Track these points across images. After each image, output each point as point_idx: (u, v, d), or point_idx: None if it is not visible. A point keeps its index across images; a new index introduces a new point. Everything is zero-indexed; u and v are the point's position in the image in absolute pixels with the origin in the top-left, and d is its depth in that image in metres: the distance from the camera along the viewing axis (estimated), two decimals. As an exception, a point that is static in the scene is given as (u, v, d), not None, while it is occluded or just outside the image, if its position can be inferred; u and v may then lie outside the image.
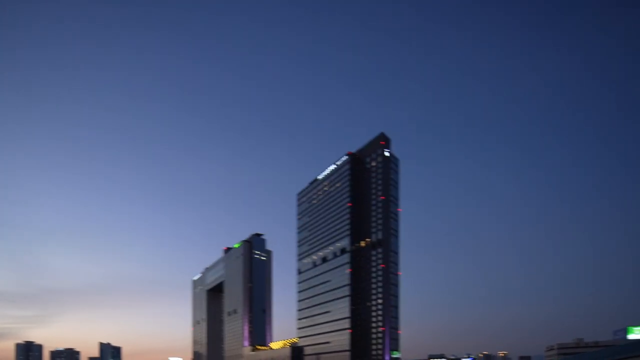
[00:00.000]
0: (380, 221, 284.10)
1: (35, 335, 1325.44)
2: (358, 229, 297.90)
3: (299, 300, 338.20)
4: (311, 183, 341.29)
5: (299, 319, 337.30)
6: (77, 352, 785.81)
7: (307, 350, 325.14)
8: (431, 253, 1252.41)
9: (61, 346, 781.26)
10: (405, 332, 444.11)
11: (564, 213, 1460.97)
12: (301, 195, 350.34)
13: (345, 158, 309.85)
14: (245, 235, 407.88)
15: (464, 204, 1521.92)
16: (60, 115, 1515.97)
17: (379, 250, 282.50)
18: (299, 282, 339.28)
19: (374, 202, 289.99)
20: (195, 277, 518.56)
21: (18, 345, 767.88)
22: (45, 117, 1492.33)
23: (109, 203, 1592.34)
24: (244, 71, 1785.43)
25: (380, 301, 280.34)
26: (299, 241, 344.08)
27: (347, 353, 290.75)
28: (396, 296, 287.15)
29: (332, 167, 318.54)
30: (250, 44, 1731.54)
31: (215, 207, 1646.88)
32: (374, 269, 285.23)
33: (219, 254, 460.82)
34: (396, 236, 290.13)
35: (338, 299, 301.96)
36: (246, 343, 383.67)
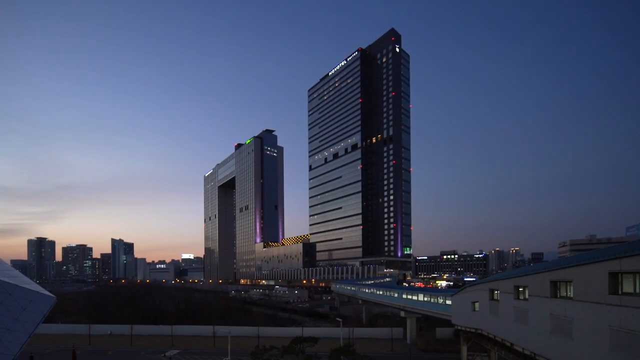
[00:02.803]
0: (391, 117, 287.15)
1: (47, 231, 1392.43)
2: (369, 125, 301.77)
3: (311, 197, 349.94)
4: (322, 79, 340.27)
5: (311, 216, 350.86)
6: (90, 249, 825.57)
7: (319, 247, 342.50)
8: (442, 150, 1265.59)
9: (73, 242, 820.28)
10: (417, 228, 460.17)
11: (575, 109, 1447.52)
12: (312, 91, 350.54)
13: (355, 54, 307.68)
14: (256, 132, 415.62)
15: (474, 99, 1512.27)
16: (70, 12, 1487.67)
17: (391, 146, 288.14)
18: (311, 179, 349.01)
19: (385, 98, 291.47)
20: (207, 174, 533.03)
21: (30, 242, 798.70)
22: (55, 12, 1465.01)
23: (120, 100, 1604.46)
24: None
25: (392, 197, 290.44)
26: (310, 138, 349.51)
27: (359, 249, 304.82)
28: (408, 192, 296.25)
29: (343, 63, 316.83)
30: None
31: (226, 103, 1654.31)
32: (385, 165, 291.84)
33: (230, 150, 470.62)
34: (407, 132, 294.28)
35: (350, 195, 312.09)
36: (258, 239, 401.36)
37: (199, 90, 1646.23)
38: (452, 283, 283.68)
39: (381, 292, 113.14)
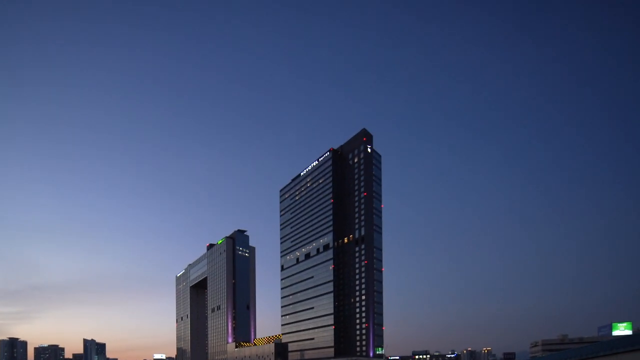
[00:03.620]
0: (363, 217, 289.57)
1: (19, 331, 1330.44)
2: (341, 225, 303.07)
3: (283, 297, 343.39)
4: (294, 179, 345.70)
5: (283, 316, 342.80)
6: (62, 349, 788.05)
7: (291, 347, 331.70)
8: (413, 249, 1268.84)
9: (45, 343, 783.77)
10: (389, 328, 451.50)
11: (546, 209, 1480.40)
12: (284, 191, 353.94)
13: (327, 154, 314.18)
14: (228, 232, 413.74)
15: (445, 199, 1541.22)
16: (46, 114, 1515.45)
17: (362, 246, 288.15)
18: (283, 279, 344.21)
19: (356, 198, 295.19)
20: (179, 274, 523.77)
21: (2, 342, 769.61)
22: (32, 115, 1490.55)
23: (93, 200, 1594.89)
24: (227, 70, 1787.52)
25: (364, 297, 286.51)
26: (282, 237, 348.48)
27: (331, 349, 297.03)
28: (380, 292, 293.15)
29: (315, 163, 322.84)
30: (233, 44, 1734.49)
31: (198, 204, 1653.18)
32: (357, 265, 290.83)
33: (202, 251, 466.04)
34: (379, 232, 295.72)
35: (322, 295, 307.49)
36: (230, 339, 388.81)
37: (171, 190, 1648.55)
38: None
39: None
